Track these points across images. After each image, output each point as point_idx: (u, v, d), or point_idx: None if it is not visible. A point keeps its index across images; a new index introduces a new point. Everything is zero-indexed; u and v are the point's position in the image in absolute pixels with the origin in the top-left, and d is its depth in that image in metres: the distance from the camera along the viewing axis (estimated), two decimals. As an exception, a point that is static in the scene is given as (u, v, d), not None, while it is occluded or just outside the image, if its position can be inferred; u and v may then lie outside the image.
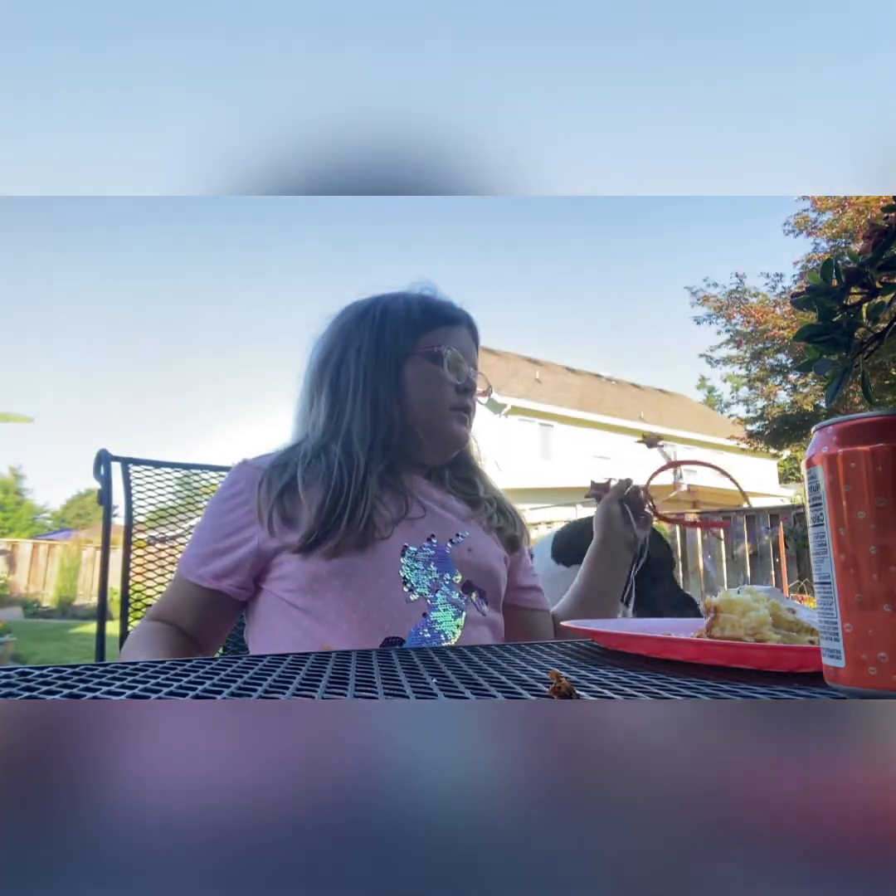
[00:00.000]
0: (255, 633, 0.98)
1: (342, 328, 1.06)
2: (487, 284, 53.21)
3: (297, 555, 0.92)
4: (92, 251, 59.56)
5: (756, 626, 0.59)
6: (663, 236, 53.30)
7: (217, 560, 0.95)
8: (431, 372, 1.02)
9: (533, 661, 0.59)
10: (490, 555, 1.04)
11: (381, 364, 1.01)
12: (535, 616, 1.14)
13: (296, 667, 0.53)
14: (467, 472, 1.12)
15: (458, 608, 0.96)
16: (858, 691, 0.40)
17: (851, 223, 8.83)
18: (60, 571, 11.99)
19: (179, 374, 66.65)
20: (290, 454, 1.00)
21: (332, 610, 0.90)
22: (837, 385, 0.49)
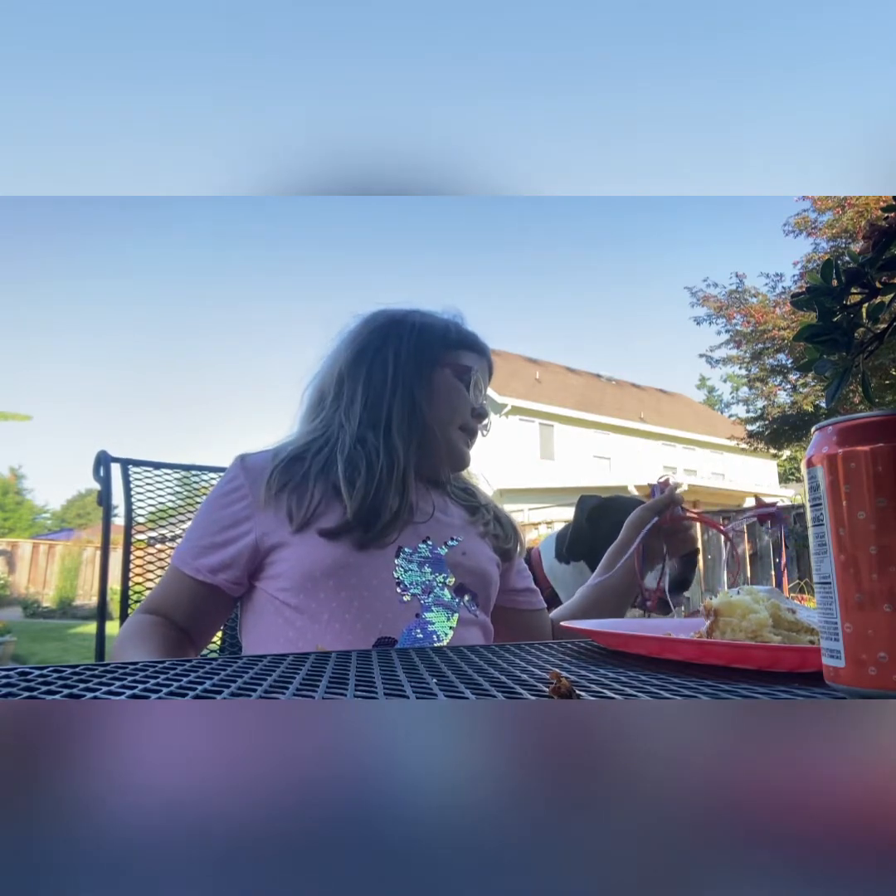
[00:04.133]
0: (249, 631, 0.98)
1: (377, 329, 1.08)
2: (487, 284, 53.25)
3: (300, 546, 0.92)
4: (93, 252, 59.64)
5: (756, 628, 0.59)
6: (663, 236, 53.34)
7: (214, 553, 0.95)
8: (455, 387, 1.07)
9: (533, 661, 0.59)
10: (484, 559, 1.05)
11: (417, 367, 1.05)
12: (533, 616, 1.16)
13: (296, 667, 0.53)
14: (465, 483, 1.16)
15: (451, 610, 0.97)
16: (858, 691, 0.40)
17: (851, 224, 8.83)
18: (60, 571, 11.99)
19: (180, 375, 66.71)
20: (307, 445, 1.00)
21: (326, 610, 0.91)
22: (837, 385, 0.49)
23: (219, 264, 60.16)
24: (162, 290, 60.36)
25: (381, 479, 0.96)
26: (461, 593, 1.00)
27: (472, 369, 1.08)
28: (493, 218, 53.75)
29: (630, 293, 57.35)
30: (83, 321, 63.03)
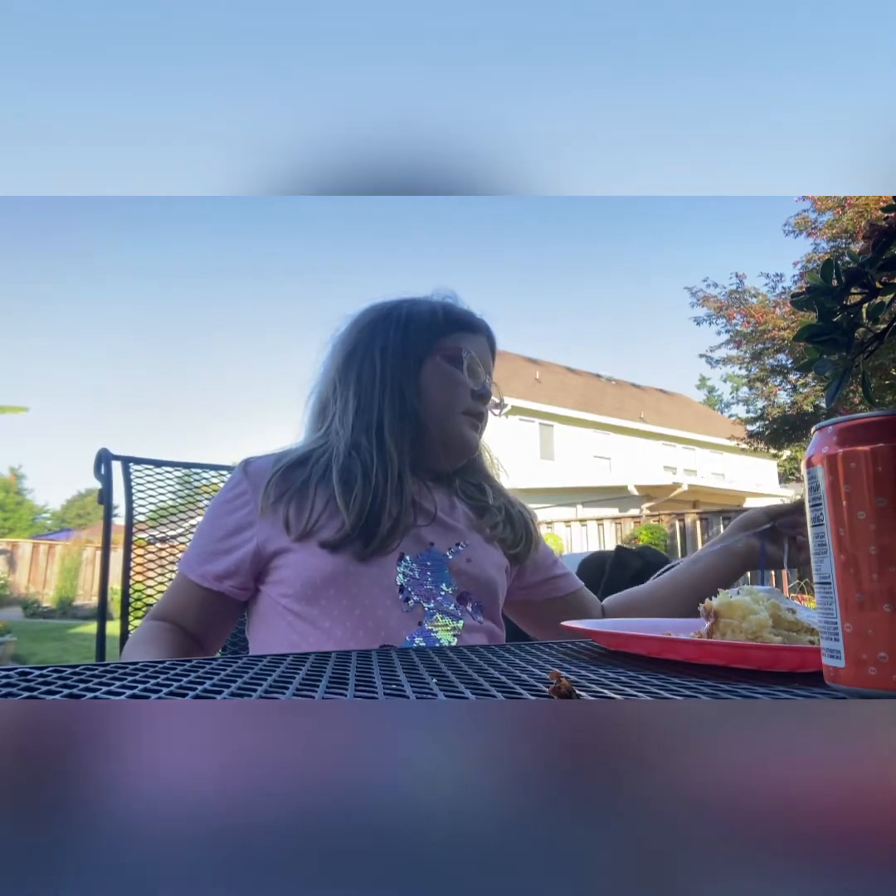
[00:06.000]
0: (255, 632, 0.98)
1: (366, 327, 1.05)
2: (488, 284, 53.24)
3: (301, 553, 0.92)
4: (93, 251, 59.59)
5: (756, 629, 0.58)
6: (663, 237, 53.33)
7: (219, 560, 0.94)
8: (450, 373, 1.03)
9: (533, 661, 0.59)
10: (489, 566, 1.03)
11: (405, 361, 1.01)
12: (577, 597, 1.13)
13: (296, 667, 0.53)
14: (478, 478, 1.11)
15: (454, 617, 0.95)
16: (858, 691, 0.40)
17: (851, 224, 8.83)
18: (60, 571, 11.98)
19: (181, 374, 66.67)
20: (309, 454, 0.99)
21: (327, 617, 0.90)
22: (837, 385, 0.49)
23: (223, 263, 60.18)
24: (163, 289, 60.38)
25: (377, 486, 0.94)
26: (464, 602, 0.98)
27: (463, 350, 1.03)
28: (493, 218, 53.77)
29: (630, 293, 57.39)
30: (83, 320, 63.05)
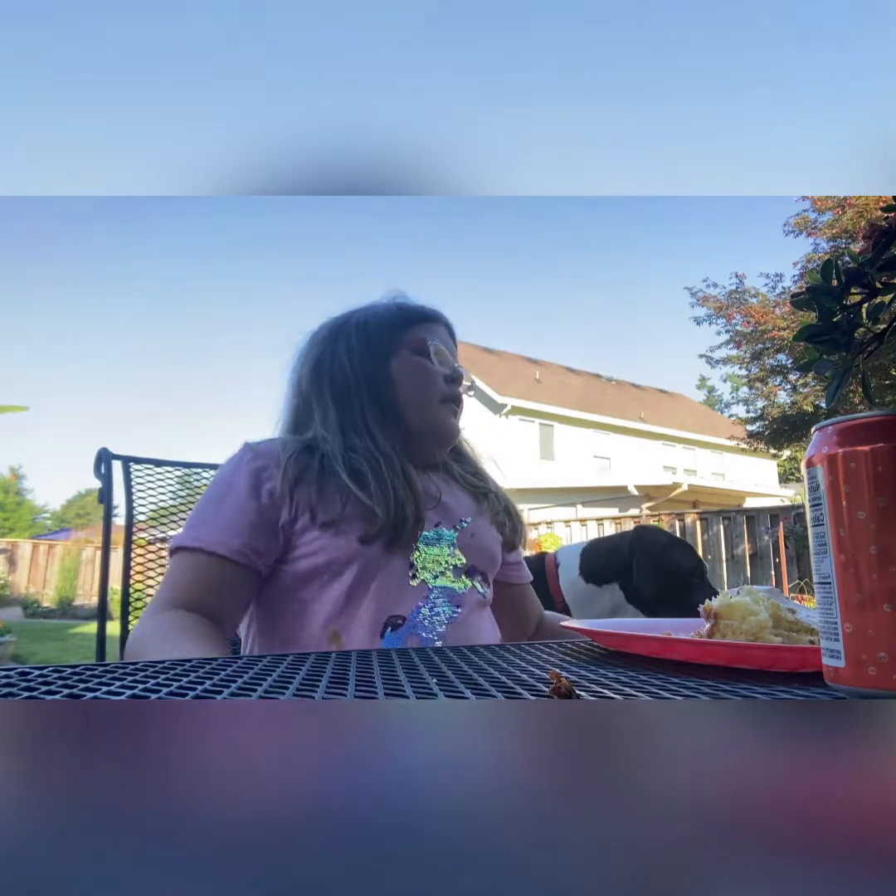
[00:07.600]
0: (263, 611, 0.98)
1: (326, 337, 1.07)
2: (488, 285, 53.23)
3: (326, 535, 0.93)
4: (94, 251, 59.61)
5: (756, 630, 0.58)
6: (663, 237, 53.32)
7: (256, 533, 0.91)
8: (419, 364, 1.05)
9: (533, 661, 0.59)
10: (491, 539, 1.09)
11: (372, 360, 1.03)
12: (524, 590, 1.21)
13: (296, 667, 0.53)
14: (474, 466, 1.16)
15: (459, 588, 1.00)
16: (858, 691, 0.40)
17: (851, 224, 8.82)
18: (60, 571, 11.98)
19: (182, 374, 66.68)
20: (311, 442, 1.00)
21: (345, 593, 0.92)
22: (837, 385, 0.49)
23: (223, 262, 60.17)
24: (164, 288, 60.37)
25: (390, 479, 0.96)
26: (472, 574, 1.03)
27: (426, 340, 1.05)
28: (493, 218, 53.73)
29: (630, 293, 57.36)
30: (83, 320, 63.05)
